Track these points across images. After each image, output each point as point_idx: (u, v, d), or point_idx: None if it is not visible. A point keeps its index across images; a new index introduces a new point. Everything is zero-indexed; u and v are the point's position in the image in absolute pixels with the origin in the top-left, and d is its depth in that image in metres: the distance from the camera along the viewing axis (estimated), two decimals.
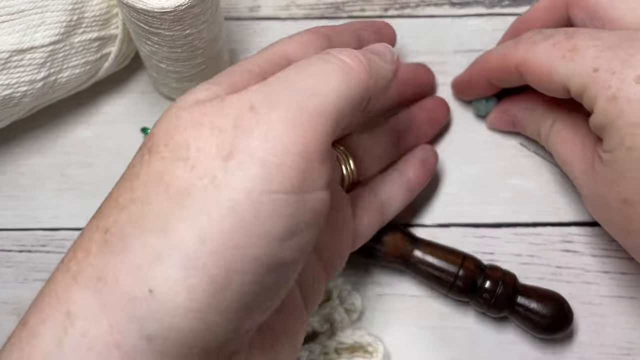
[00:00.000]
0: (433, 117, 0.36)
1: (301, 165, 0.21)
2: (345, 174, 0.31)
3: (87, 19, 0.34)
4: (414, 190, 0.33)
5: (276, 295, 0.22)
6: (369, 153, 0.33)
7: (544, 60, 0.28)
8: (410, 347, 0.34)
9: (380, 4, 0.40)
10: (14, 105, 0.33)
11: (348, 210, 0.30)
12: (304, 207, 0.21)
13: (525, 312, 0.32)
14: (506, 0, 0.40)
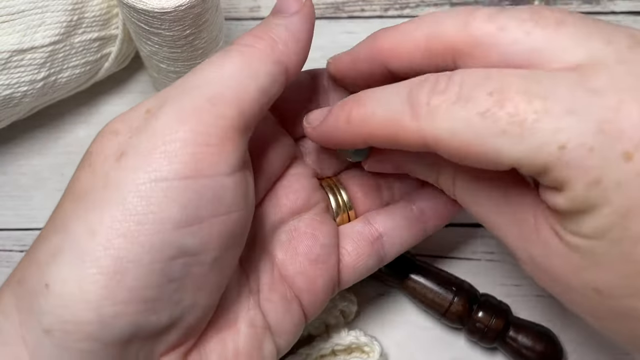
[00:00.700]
0: None
1: (189, 151, 0.21)
2: (334, 205, 0.29)
3: (87, 19, 0.34)
4: (427, 223, 0.29)
5: (188, 288, 0.22)
6: (367, 185, 0.30)
7: (471, 139, 0.20)
8: (409, 348, 0.34)
9: (380, 4, 0.40)
10: (15, 105, 0.33)
11: (330, 239, 0.28)
12: (203, 193, 0.21)
13: (517, 346, 0.32)
14: (506, 1, 0.40)
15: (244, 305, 0.25)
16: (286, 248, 0.27)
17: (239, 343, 0.25)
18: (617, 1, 0.40)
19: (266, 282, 0.26)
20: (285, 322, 0.26)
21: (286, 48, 0.25)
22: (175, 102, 0.22)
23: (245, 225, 0.24)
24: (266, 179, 0.27)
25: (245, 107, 0.23)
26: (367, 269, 0.29)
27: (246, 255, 0.26)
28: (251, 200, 0.24)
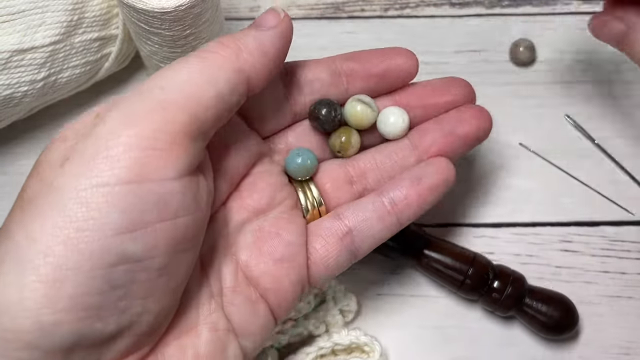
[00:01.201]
0: (455, 131, 0.30)
1: (133, 155, 0.21)
2: (304, 201, 0.29)
3: (87, 19, 0.34)
4: (399, 215, 0.28)
5: (136, 295, 0.22)
6: (338, 179, 0.30)
7: None
8: (409, 348, 0.34)
9: (380, 4, 0.40)
10: (15, 105, 0.33)
11: (296, 237, 0.27)
12: (147, 198, 0.21)
13: (533, 312, 0.32)
14: (506, 1, 0.40)
15: (205, 309, 0.25)
16: (250, 249, 0.27)
17: (200, 348, 0.24)
18: None
19: (229, 284, 0.26)
20: (251, 323, 0.26)
21: (251, 57, 0.24)
22: (124, 106, 0.22)
23: (196, 229, 0.23)
24: (229, 179, 0.27)
25: (199, 113, 0.22)
26: (338, 265, 0.28)
27: (207, 258, 0.26)
28: (204, 204, 0.23)
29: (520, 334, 0.34)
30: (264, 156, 0.29)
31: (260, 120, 0.28)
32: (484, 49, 0.39)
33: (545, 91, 0.38)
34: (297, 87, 0.29)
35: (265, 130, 0.29)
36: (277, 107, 0.29)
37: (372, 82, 0.30)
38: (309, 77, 0.29)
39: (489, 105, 0.38)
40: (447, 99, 0.30)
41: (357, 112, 0.29)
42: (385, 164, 0.30)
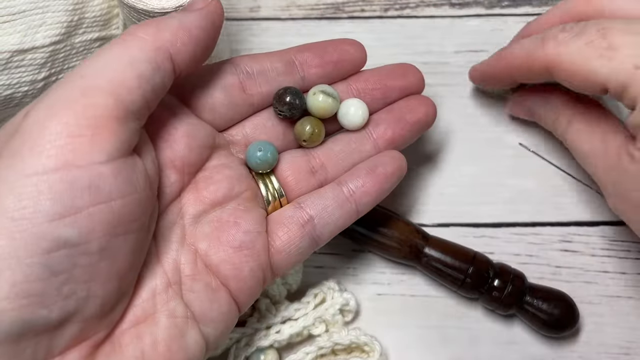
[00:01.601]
0: (405, 118, 0.32)
1: (58, 143, 0.21)
2: (265, 193, 0.30)
3: (87, 19, 0.34)
4: (357, 203, 0.30)
5: (79, 280, 0.22)
6: (299, 171, 0.30)
7: (579, 61, 0.28)
8: (409, 348, 0.34)
9: (380, 5, 0.40)
10: (15, 105, 0.33)
11: (255, 225, 0.28)
12: (76, 183, 0.21)
13: (533, 310, 0.32)
14: (506, 1, 0.40)
15: (162, 297, 0.25)
16: (209, 238, 0.27)
17: (158, 335, 0.25)
18: None
19: (188, 273, 0.26)
20: (212, 311, 0.26)
21: (173, 37, 0.25)
22: (47, 98, 0.23)
23: (135, 212, 0.23)
24: (179, 170, 0.27)
25: (122, 95, 0.23)
26: (300, 252, 0.29)
27: (163, 248, 0.26)
28: (141, 187, 0.24)
29: (521, 332, 0.34)
30: (220, 148, 0.29)
31: (212, 112, 0.29)
32: (484, 49, 0.39)
33: None
34: (251, 78, 0.29)
35: (220, 123, 0.29)
36: (230, 99, 0.29)
37: (328, 69, 0.31)
38: (263, 67, 0.30)
39: (489, 105, 0.38)
40: (399, 84, 0.32)
41: (320, 102, 0.30)
42: (344, 152, 0.31)
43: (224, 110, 0.29)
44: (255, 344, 0.32)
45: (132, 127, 0.23)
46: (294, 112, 0.30)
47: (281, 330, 0.32)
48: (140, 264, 0.25)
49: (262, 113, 0.31)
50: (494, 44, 0.39)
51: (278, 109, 0.30)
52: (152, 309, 0.25)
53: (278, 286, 0.33)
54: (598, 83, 0.27)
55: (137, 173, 0.24)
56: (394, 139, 0.31)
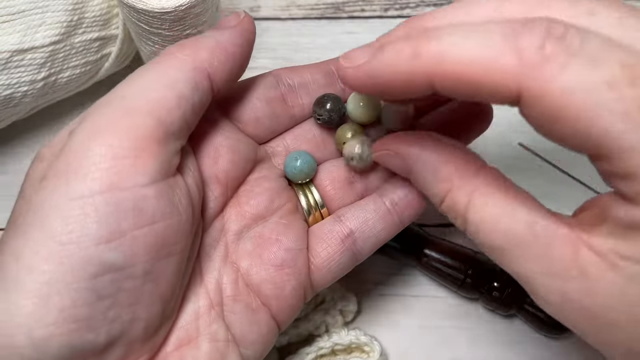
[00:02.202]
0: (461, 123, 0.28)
1: (103, 166, 0.21)
2: (305, 204, 0.29)
3: (87, 19, 0.34)
4: (400, 215, 0.28)
5: (124, 304, 0.22)
6: (338, 180, 0.29)
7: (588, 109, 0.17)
8: (410, 348, 0.34)
9: (380, 4, 0.40)
10: (15, 105, 0.33)
11: (296, 242, 0.27)
12: (121, 206, 0.21)
13: (534, 310, 0.32)
14: None
15: (205, 320, 0.25)
16: (251, 256, 0.27)
17: (199, 359, 0.25)
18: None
19: (230, 293, 0.26)
20: (252, 332, 0.26)
21: (210, 56, 0.25)
22: (91, 119, 0.22)
23: (178, 233, 0.23)
24: (223, 185, 0.27)
25: (163, 116, 0.23)
26: (340, 267, 0.28)
27: (206, 267, 0.26)
28: (183, 208, 0.24)
29: (521, 332, 0.34)
30: (261, 161, 0.29)
31: (255, 125, 0.28)
32: None
33: None
34: (292, 90, 0.29)
35: (262, 135, 0.29)
36: (272, 112, 0.29)
37: None
38: (304, 79, 0.29)
39: None
40: None
41: (361, 107, 0.29)
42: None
43: (267, 123, 0.29)
44: None
45: (173, 147, 0.23)
46: (332, 116, 0.29)
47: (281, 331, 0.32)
48: (183, 286, 0.25)
49: (303, 125, 0.30)
50: None
51: (317, 113, 0.29)
52: (196, 332, 0.25)
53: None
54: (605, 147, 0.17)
55: (180, 194, 0.23)
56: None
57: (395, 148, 0.25)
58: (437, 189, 0.23)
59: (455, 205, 0.23)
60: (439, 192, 0.23)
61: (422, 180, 0.24)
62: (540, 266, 0.20)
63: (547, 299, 0.21)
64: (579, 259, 0.20)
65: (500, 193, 0.22)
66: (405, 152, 0.24)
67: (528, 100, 0.18)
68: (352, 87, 0.22)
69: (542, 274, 0.20)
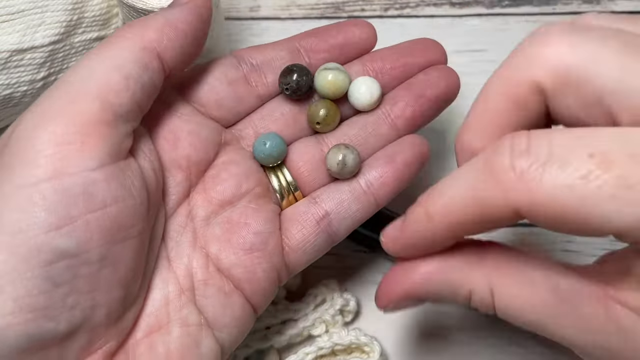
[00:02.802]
0: (425, 94, 0.29)
1: (47, 153, 0.21)
2: (278, 188, 0.29)
3: (87, 18, 0.34)
4: (376, 195, 0.28)
5: (82, 290, 0.22)
6: (312, 162, 0.29)
7: (577, 206, 0.17)
8: (409, 348, 0.34)
9: (380, 4, 0.40)
10: (14, 105, 0.33)
11: (266, 225, 0.27)
12: (70, 192, 0.21)
13: None
14: (506, 0, 0.40)
15: (175, 305, 0.25)
16: (219, 241, 0.27)
17: (171, 345, 0.24)
18: (617, 1, 0.40)
19: (201, 278, 0.26)
20: (226, 315, 0.26)
21: (158, 34, 0.24)
22: (34, 108, 0.22)
23: (133, 216, 0.23)
24: (185, 170, 0.27)
25: (110, 98, 0.23)
26: (316, 249, 0.28)
27: (174, 254, 0.26)
28: (137, 190, 0.23)
29: (521, 332, 0.34)
30: (228, 145, 0.28)
31: (218, 108, 0.28)
32: (484, 49, 0.39)
33: None
34: (255, 69, 0.29)
35: (227, 118, 0.29)
36: (234, 93, 0.28)
37: (335, 53, 0.30)
38: (267, 57, 0.29)
39: None
40: (420, 60, 0.30)
41: (329, 80, 0.28)
42: (360, 137, 0.29)
43: (231, 105, 0.28)
44: (255, 344, 0.32)
45: (123, 130, 0.23)
46: (300, 83, 0.28)
47: (281, 331, 0.32)
48: (149, 271, 0.25)
49: (270, 103, 0.30)
50: (495, 44, 0.39)
51: (283, 82, 0.28)
52: (166, 318, 0.25)
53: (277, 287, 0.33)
54: (610, 231, 0.18)
55: (132, 177, 0.23)
56: (413, 118, 0.29)
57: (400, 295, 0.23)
58: (461, 298, 0.22)
59: (483, 302, 0.21)
60: (464, 300, 0.22)
61: (444, 299, 0.22)
62: (579, 327, 0.20)
63: (585, 351, 0.21)
64: (612, 315, 0.19)
65: (512, 269, 0.21)
66: (411, 292, 0.23)
67: (526, 215, 0.19)
68: (403, 257, 0.23)
69: (583, 333, 0.20)
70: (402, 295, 0.23)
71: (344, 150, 0.28)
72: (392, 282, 0.23)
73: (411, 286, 0.22)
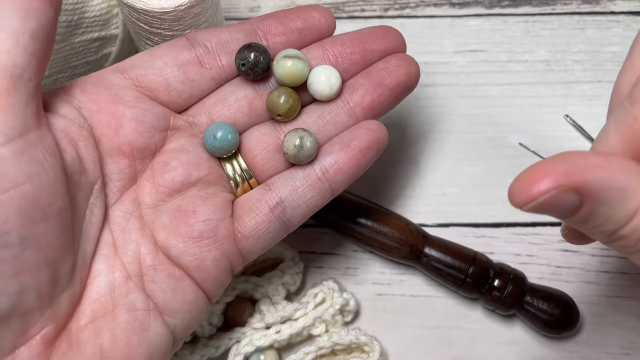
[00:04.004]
0: (384, 82, 0.29)
1: None
2: (232, 175, 0.28)
3: (87, 19, 0.34)
4: (331, 181, 0.28)
5: (6, 274, 0.21)
6: (267, 149, 0.28)
7: None
8: (409, 348, 0.34)
9: (380, 4, 0.40)
10: None
11: (214, 212, 0.27)
12: None
13: (534, 310, 0.32)
14: (506, 0, 0.40)
15: (121, 291, 0.25)
16: (167, 229, 0.26)
17: (116, 330, 0.24)
18: (617, 1, 0.40)
19: (150, 263, 0.25)
20: (177, 301, 0.25)
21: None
22: None
23: (50, 193, 0.22)
24: (129, 156, 0.26)
25: (2, 60, 0.21)
26: (270, 237, 0.28)
27: (120, 240, 0.25)
28: (50, 165, 0.22)
29: (521, 332, 0.34)
30: (178, 130, 0.28)
31: (167, 92, 0.27)
32: (484, 49, 0.39)
33: (545, 91, 0.38)
34: (210, 51, 0.28)
35: (178, 103, 0.28)
36: (185, 76, 0.27)
37: (292, 37, 0.29)
38: (222, 39, 0.28)
39: (489, 105, 0.38)
40: (380, 47, 0.29)
41: (288, 68, 0.27)
42: (317, 125, 0.29)
43: (181, 89, 0.27)
44: (255, 344, 0.32)
45: (25, 93, 0.22)
46: (259, 60, 0.27)
47: (281, 331, 0.32)
48: (71, 249, 0.24)
49: (225, 87, 0.29)
50: (494, 44, 0.39)
51: (240, 59, 0.27)
52: (112, 304, 0.24)
53: (278, 286, 0.33)
54: None
55: (44, 150, 0.22)
56: (372, 107, 0.29)
57: (569, 181, 0.18)
58: (622, 212, 0.18)
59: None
60: (624, 218, 0.19)
61: (605, 208, 0.18)
62: None
63: None
64: None
65: None
66: (572, 183, 0.18)
67: None
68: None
69: None
70: (557, 185, 0.18)
71: (301, 133, 0.27)
72: (545, 169, 0.18)
73: (575, 176, 0.18)
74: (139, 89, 0.27)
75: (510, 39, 0.39)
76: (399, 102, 0.30)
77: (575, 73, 0.39)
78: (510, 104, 0.38)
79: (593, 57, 0.39)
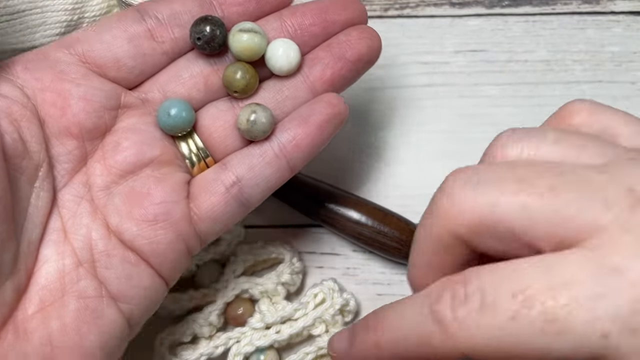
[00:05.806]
0: (345, 55, 0.28)
1: None
2: (188, 154, 0.27)
3: (87, 18, 0.34)
4: (289, 158, 0.27)
5: None
6: (224, 127, 0.28)
7: (514, 343, 0.18)
8: None
9: (380, 4, 0.40)
10: None
11: (169, 194, 0.26)
12: None
13: None
14: (506, 0, 0.40)
15: (71, 278, 0.24)
16: (120, 212, 0.25)
17: (66, 318, 0.23)
18: (617, 1, 0.40)
19: (102, 249, 0.25)
20: (132, 287, 0.25)
21: None
22: None
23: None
24: (78, 137, 0.25)
25: None
26: (228, 217, 0.27)
27: (70, 225, 0.25)
28: None
29: None
30: (130, 108, 0.27)
31: (116, 68, 0.26)
32: (484, 49, 0.39)
33: (545, 91, 0.38)
34: (162, 23, 0.27)
35: (129, 79, 0.27)
36: (136, 50, 0.26)
37: (249, 7, 0.28)
38: (175, 10, 0.27)
39: (489, 105, 0.38)
40: (341, 18, 0.28)
41: (245, 42, 0.26)
42: (275, 101, 0.28)
43: (132, 64, 0.26)
44: (255, 344, 0.32)
45: None
46: (215, 34, 0.26)
47: (281, 331, 0.32)
48: (12, 237, 0.23)
49: (179, 62, 0.27)
50: (495, 44, 0.39)
51: (195, 32, 0.26)
52: (61, 292, 0.24)
53: (277, 286, 0.33)
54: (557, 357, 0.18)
55: None
56: (333, 81, 0.28)
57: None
58: None
59: None
60: None
61: None
62: None
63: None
64: None
65: None
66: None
67: (472, 356, 0.19)
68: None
69: None
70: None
71: (254, 108, 0.26)
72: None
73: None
74: (86, 65, 0.26)
75: (511, 38, 0.39)
76: (360, 76, 0.29)
77: (575, 73, 0.39)
78: (510, 104, 0.38)
79: (593, 57, 0.39)
